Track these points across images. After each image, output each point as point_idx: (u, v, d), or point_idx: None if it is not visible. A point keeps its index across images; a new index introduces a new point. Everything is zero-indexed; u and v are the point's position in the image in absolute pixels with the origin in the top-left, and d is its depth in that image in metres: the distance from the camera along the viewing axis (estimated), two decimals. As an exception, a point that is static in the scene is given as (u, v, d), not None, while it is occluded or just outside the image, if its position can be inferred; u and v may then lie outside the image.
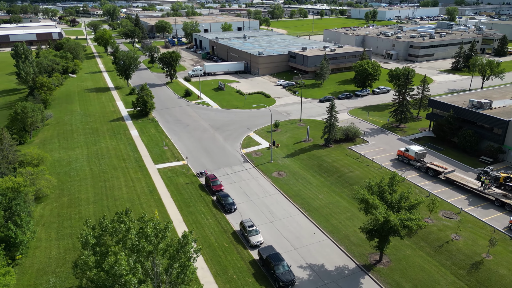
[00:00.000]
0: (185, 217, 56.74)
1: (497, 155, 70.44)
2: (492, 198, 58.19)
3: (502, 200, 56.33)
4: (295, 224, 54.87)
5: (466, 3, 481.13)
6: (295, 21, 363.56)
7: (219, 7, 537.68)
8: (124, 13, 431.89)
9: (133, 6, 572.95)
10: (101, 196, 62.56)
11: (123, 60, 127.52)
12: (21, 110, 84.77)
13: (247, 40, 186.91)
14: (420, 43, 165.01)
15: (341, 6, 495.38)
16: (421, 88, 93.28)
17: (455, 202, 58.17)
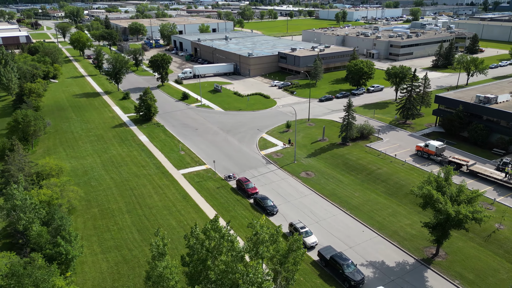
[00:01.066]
0: (231, 223, 55.23)
1: (508, 146, 74.45)
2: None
3: (529, 189, 59.67)
4: (341, 223, 55.25)
5: (424, 4, 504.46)
6: (266, 22, 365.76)
7: (185, 8, 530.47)
8: (86, 15, 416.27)
9: (94, 7, 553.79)
10: (134, 205, 59.95)
11: (113, 63, 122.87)
12: (22, 118, 79.52)
13: (230, 42, 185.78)
14: (400, 42, 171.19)
15: (307, 7, 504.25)
16: (422, 85, 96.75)
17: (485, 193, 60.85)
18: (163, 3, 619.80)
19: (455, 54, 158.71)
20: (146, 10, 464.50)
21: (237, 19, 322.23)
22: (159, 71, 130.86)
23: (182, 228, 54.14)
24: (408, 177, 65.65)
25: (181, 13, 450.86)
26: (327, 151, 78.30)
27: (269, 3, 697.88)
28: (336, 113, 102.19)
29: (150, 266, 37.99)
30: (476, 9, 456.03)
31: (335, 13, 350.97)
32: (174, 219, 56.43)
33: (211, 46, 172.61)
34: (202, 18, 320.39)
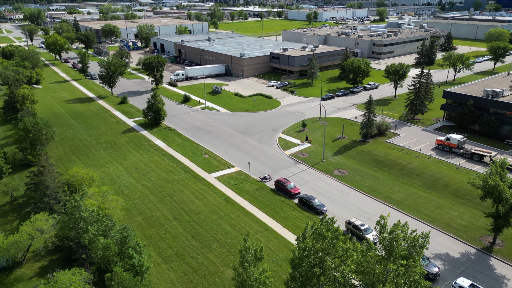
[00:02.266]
0: (283, 223, 54.98)
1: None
2: (540, 175, 65.22)
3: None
4: (391, 218, 55.99)
5: (385, 5, 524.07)
6: (238, 23, 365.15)
7: (149, 9, 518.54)
8: (47, 17, 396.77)
9: (51, 9, 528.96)
10: (179, 212, 57.85)
11: (107, 67, 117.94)
12: (32, 126, 74.42)
13: (214, 43, 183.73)
14: (383, 41, 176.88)
15: (274, 8, 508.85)
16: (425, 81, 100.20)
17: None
18: (124, 4, 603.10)
19: (436, 51, 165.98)
20: (110, 11, 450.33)
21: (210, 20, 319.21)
22: (154, 74, 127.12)
23: (238, 232, 52.93)
24: (440, 170, 67.98)
25: (147, 14, 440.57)
26: (351, 148, 79.40)
27: (234, 4, 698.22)
28: (343, 111, 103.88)
29: (241, 272, 36.89)
30: (434, 9, 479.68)
31: (305, 14, 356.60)
32: (226, 223, 55.05)
33: (198, 47, 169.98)
34: (175, 20, 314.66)
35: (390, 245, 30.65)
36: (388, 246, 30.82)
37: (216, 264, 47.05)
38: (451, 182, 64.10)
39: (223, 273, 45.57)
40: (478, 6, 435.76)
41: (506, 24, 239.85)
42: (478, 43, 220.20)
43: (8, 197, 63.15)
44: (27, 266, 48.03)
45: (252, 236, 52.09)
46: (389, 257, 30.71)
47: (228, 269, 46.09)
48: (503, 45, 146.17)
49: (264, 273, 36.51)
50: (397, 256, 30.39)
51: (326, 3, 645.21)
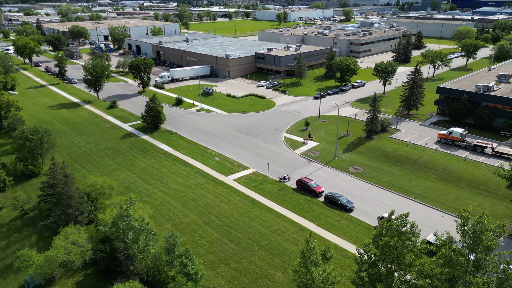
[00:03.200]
0: (316, 222, 55.12)
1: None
2: (541, 164, 69.57)
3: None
4: (418, 212, 57.63)
5: (348, 5, 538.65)
6: (207, 24, 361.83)
7: (111, 10, 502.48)
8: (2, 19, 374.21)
9: (4, 11, 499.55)
10: (208, 216, 56.51)
11: (92, 70, 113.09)
12: (32, 134, 70.04)
13: (193, 43, 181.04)
14: (360, 40, 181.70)
15: (239, 8, 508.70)
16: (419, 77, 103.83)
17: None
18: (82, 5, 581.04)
19: (412, 49, 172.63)
20: (69, 12, 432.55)
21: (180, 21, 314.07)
22: (141, 77, 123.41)
23: (275, 233, 52.49)
24: (450, 163, 70.82)
25: (110, 15, 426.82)
26: (359, 145, 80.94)
27: (197, 4, 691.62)
28: (341, 109, 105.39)
29: (304, 273, 36.68)
30: (394, 9, 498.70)
31: (273, 14, 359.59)
32: (259, 225, 54.42)
33: (179, 48, 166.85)
34: (144, 21, 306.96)
35: (475, 236, 31.47)
36: (473, 237, 31.62)
37: (263, 267, 46.42)
38: (464, 173, 66.97)
39: (272, 276, 45.02)
40: (436, 6, 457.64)
41: (467, 22, 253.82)
42: (444, 41, 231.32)
43: (17, 211, 59.05)
44: (60, 283, 45.17)
45: (290, 237, 51.92)
46: (475, 248, 31.55)
47: (276, 271, 45.62)
48: (474, 43, 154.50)
49: (331, 273, 36.44)
50: (482, 247, 31.28)
51: (289, 3, 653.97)
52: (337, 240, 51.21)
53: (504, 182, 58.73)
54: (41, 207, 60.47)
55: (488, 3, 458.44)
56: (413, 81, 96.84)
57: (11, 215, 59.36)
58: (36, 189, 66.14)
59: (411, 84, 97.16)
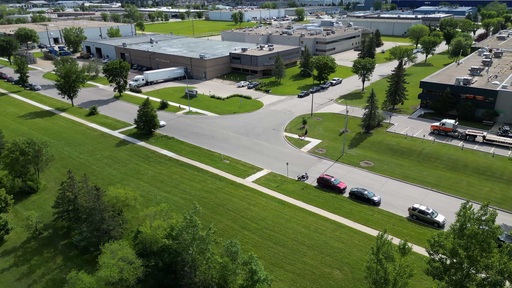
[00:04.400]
0: (352, 218, 55.79)
1: (494, 118, 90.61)
2: (527, 148, 76.13)
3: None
4: (440, 201, 60.29)
5: (296, 5, 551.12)
6: (160, 25, 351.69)
7: (50, 11, 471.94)
8: None
9: None
10: (243, 221, 55.09)
11: (64, 75, 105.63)
12: (26, 146, 63.93)
13: (159, 45, 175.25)
14: (326, 39, 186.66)
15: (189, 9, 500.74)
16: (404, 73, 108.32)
17: None
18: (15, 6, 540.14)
19: (375, 47, 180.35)
20: (4, 13, 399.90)
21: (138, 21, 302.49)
22: (117, 81, 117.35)
23: (316, 232, 52.41)
24: (452, 152, 75.09)
25: (51, 16, 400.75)
26: (362, 140, 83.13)
27: (142, 5, 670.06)
28: (326, 106, 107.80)
29: (377, 269, 37.24)
30: (340, 9, 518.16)
31: (227, 14, 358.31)
32: (297, 225, 54.04)
33: (147, 50, 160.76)
34: (95, 22, 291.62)
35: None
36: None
37: (318, 267, 46.20)
38: (468, 161, 71.35)
39: (331, 275, 44.97)
40: (378, 6, 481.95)
41: (416, 20, 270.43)
42: (397, 38, 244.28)
43: (28, 232, 53.62)
44: (109, 304, 41.66)
45: (332, 234, 52.14)
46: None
47: (333, 270, 45.62)
48: (433, 39, 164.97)
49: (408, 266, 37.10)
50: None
51: (237, 3, 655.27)
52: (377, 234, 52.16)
53: (506, 168, 63.38)
54: (56, 225, 55.45)
55: (424, 2, 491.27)
56: (398, 76, 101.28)
57: (22, 236, 53.84)
58: (39, 206, 60.86)
59: (396, 79, 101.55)
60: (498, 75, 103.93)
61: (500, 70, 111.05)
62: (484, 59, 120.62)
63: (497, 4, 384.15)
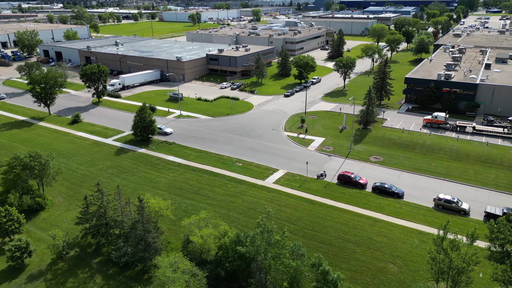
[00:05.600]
0: (384, 212, 57.04)
1: (475, 109, 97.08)
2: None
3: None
4: (454, 189, 63.34)
5: (249, 5, 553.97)
6: (114, 26, 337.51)
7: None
8: None
9: None
10: (280, 223, 54.17)
11: (41, 81, 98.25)
12: (31, 160, 58.60)
13: (126, 47, 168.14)
14: (295, 39, 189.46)
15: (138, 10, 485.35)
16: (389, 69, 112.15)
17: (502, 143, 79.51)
18: None
19: (343, 45, 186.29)
20: None
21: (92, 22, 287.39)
22: (96, 86, 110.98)
23: (356, 229, 53.00)
24: (450, 143, 79.45)
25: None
26: (364, 136, 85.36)
27: (85, 5, 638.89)
28: (316, 105, 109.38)
29: (441, 259, 38.71)
30: (292, 9, 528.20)
31: (185, 15, 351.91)
32: (335, 223, 54.36)
33: (117, 53, 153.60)
34: (46, 24, 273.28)
35: None
36: None
37: (371, 262, 46.82)
38: (468, 151, 75.82)
39: (386, 269, 45.76)
40: (329, 6, 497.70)
41: (371, 20, 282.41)
42: (357, 37, 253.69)
43: (53, 253, 49.18)
44: (173, 322, 39.28)
45: (372, 229, 53.04)
46: None
47: (387, 264, 46.46)
48: (397, 38, 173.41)
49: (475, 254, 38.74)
50: None
51: (187, 4, 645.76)
52: (413, 225, 53.92)
53: (504, 155, 68.18)
54: (81, 243, 51.36)
55: (370, 3, 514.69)
56: (384, 73, 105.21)
57: (45, 258, 49.27)
58: (52, 224, 56.29)
59: (381, 76, 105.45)
60: (471, 69, 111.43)
61: (470, 65, 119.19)
62: (454, 55, 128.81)
63: (437, 3, 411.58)
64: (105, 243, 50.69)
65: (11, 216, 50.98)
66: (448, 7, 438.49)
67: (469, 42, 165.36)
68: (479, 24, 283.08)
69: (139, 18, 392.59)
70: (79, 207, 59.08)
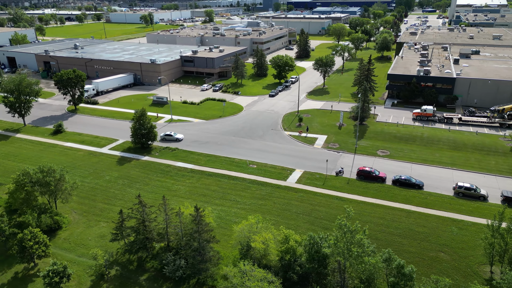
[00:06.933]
0: (413, 203, 58.89)
1: (454, 102, 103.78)
2: (496, 125, 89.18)
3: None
4: (464, 177, 66.92)
5: (198, 6, 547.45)
6: (60, 29, 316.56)
7: None
8: None
9: None
10: (320, 222, 54.32)
11: (13, 90, 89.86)
12: (44, 175, 53.32)
13: (86, 50, 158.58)
14: (262, 39, 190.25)
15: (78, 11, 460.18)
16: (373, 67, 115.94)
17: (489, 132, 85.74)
18: None
19: (309, 45, 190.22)
20: None
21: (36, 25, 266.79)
22: (72, 93, 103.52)
23: (395, 221, 54.31)
24: (446, 134, 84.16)
25: None
26: (363, 131, 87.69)
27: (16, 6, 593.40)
28: (304, 103, 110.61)
29: (496, 241, 41.22)
30: (242, 10, 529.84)
31: (135, 16, 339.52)
32: (373, 217, 55.31)
33: (82, 57, 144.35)
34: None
35: None
36: None
37: (422, 253, 48.22)
38: (463, 140, 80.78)
39: (439, 257, 47.35)
40: (278, 7, 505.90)
41: (325, 20, 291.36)
42: (314, 36, 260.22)
43: (94, 274, 45.18)
44: (253, 333, 37.76)
45: (408, 221, 54.67)
46: None
47: (437, 253, 48.06)
48: (361, 36, 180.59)
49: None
50: None
51: (131, 5, 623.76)
52: (444, 214, 56.33)
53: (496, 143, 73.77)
54: (119, 260, 47.61)
55: (316, 4, 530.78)
56: (368, 70, 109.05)
57: (83, 281, 45.07)
58: (77, 243, 51.88)
59: (366, 73, 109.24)
60: (443, 65, 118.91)
61: (439, 61, 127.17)
62: (422, 52, 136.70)
63: (380, 4, 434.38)
64: (148, 258, 47.41)
65: (36, 239, 45.94)
66: (389, 7, 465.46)
67: (426, 39, 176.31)
68: (420, 22, 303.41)
69: (84, 19, 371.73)
70: (101, 223, 55.29)
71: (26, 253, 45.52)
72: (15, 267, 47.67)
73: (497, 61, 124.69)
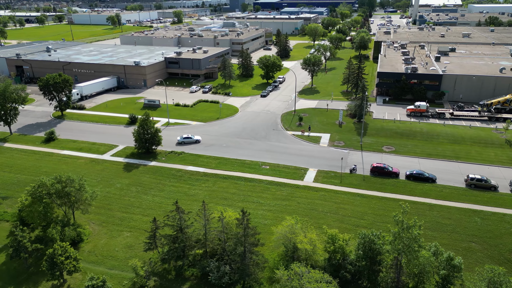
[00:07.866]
0: (431, 196, 60.61)
1: (441, 97, 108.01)
2: (485, 118, 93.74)
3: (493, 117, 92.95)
4: (470, 169, 69.59)
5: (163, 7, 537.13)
6: (21, 31, 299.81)
7: None
8: None
9: None
10: (349, 220, 54.66)
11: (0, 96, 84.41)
12: (64, 185, 50.26)
13: (62, 53, 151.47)
14: (242, 40, 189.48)
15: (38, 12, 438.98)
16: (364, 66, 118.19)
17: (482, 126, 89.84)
18: None
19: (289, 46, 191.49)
20: None
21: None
22: (59, 98, 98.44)
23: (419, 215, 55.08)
24: (442, 128, 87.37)
25: None
26: (365, 128, 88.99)
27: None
28: (298, 103, 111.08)
29: None
30: (208, 11, 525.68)
31: (103, 17, 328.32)
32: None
33: (58, 60, 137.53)
34: None
35: None
36: None
37: (454, 244, 49.65)
38: (461, 134, 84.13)
39: (471, 247, 48.96)
40: (245, 8, 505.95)
41: (297, 21, 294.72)
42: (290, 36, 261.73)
43: (136, 285, 43.06)
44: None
45: (431, 214, 56.18)
46: None
47: (469, 244, 49.71)
48: (339, 36, 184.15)
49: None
50: None
51: (91, 6, 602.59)
52: (463, 205, 58.33)
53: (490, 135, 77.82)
54: (157, 269, 45.64)
55: (282, 4, 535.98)
56: (359, 69, 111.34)
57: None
58: (104, 255, 49.44)
59: (357, 72, 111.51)
60: (427, 62, 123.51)
61: (420, 58, 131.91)
62: (402, 50, 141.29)
63: (345, 4, 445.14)
64: (185, 266, 45.74)
65: (66, 253, 43.13)
66: (354, 8, 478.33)
67: (401, 38, 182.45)
68: (385, 22, 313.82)
69: (45, 21, 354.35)
70: (124, 232, 52.95)
71: (55, 269, 42.58)
72: (42, 284, 44.47)
73: (474, 58, 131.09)
